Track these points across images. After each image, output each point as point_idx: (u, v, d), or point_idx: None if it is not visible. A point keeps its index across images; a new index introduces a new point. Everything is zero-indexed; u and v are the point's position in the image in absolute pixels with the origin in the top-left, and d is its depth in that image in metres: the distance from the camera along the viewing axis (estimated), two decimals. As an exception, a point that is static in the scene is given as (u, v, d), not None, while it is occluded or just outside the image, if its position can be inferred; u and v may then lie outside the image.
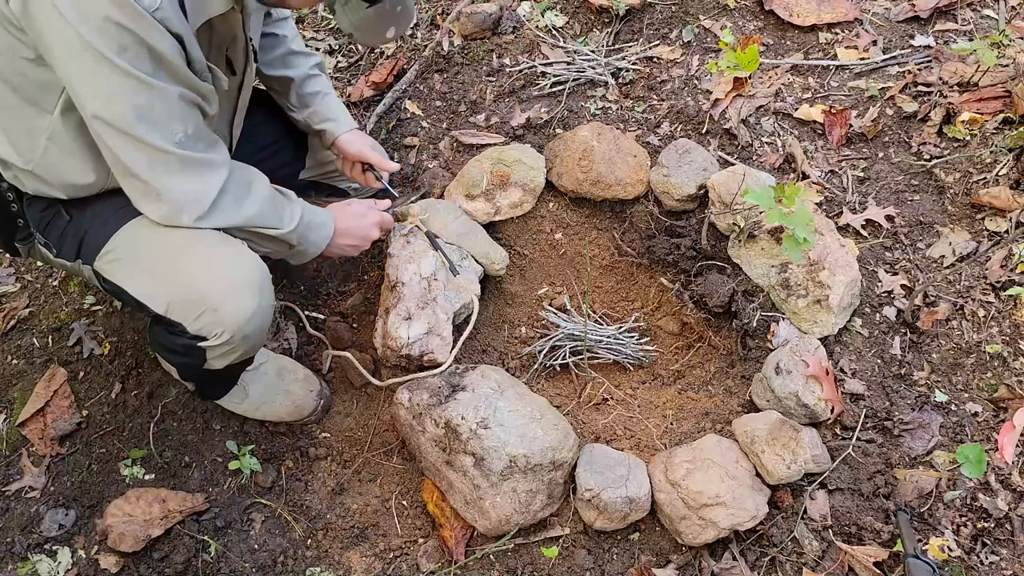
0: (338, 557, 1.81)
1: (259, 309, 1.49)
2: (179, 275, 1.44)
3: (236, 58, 1.54)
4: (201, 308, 1.44)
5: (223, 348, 1.50)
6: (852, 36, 2.37)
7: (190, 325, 1.46)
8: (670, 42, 2.43)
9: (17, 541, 1.80)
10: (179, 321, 1.46)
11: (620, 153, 2.11)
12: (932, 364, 1.86)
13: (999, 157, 2.04)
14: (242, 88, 1.62)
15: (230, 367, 1.63)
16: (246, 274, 1.47)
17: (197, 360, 1.55)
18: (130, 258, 1.47)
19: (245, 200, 1.48)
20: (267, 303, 1.52)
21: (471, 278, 1.96)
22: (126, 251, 1.47)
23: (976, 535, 1.65)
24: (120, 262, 1.48)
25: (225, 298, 1.44)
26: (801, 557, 1.69)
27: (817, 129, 2.21)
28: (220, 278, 1.45)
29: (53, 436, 1.92)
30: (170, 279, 1.45)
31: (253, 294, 1.48)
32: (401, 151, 2.31)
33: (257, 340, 1.58)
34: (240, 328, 1.47)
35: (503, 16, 2.48)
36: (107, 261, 1.49)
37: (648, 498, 1.70)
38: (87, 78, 1.25)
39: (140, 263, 1.47)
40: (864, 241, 2.03)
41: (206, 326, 1.46)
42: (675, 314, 2.13)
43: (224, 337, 1.47)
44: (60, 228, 1.52)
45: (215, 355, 1.53)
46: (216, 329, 1.46)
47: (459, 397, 1.75)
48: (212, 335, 1.47)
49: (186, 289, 1.44)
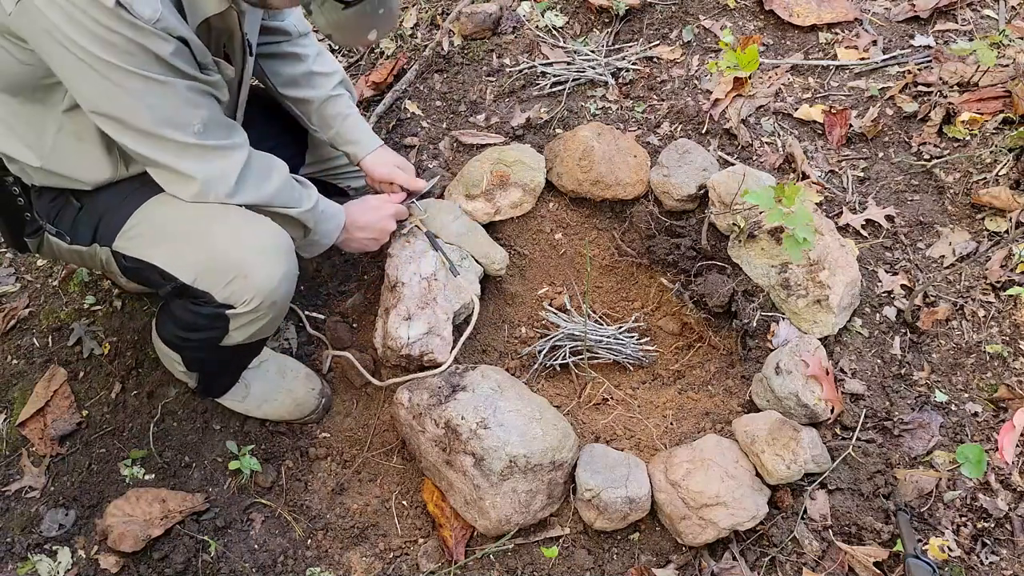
0: (338, 557, 1.81)
1: (287, 274, 1.53)
2: (207, 244, 1.47)
3: (233, 54, 1.55)
4: (231, 275, 1.47)
5: (249, 316, 1.53)
6: (852, 36, 2.37)
7: (219, 293, 1.48)
8: (670, 42, 2.43)
9: (17, 541, 1.80)
10: (206, 290, 1.48)
11: (620, 153, 2.11)
12: (932, 364, 1.86)
13: (999, 157, 2.04)
14: (241, 84, 1.63)
15: (242, 349, 1.65)
16: (273, 240, 1.52)
17: (218, 332, 1.57)
18: (154, 233, 1.50)
19: (266, 180, 1.54)
20: (293, 269, 1.57)
21: (471, 278, 1.96)
22: (149, 227, 1.50)
23: (976, 535, 1.65)
24: (143, 237, 1.50)
25: (255, 263, 1.48)
26: (801, 557, 1.69)
27: (817, 129, 2.21)
28: (248, 245, 1.48)
29: (53, 436, 1.92)
30: (198, 249, 1.47)
31: (281, 259, 1.52)
32: (401, 151, 2.31)
33: (281, 309, 1.60)
34: (269, 293, 1.50)
35: (503, 16, 2.48)
36: (128, 239, 1.51)
37: (648, 498, 1.70)
38: (100, 89, 1.29)
39: (165, 236, 1.50)
40: (864, 241, 2.03)
41: (235, 292, 1.48)
42: (675, 314, 2.13)
43: (253, 303, 1.50)
44: (72, 215, 1.54)
45: (239, 324, 1.55)
46: (246, 295, 1.49)
47: (459, 397, 1.75)
48: (241, 302, 1.49)
49: (215, 257, 1.47)
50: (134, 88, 1.29)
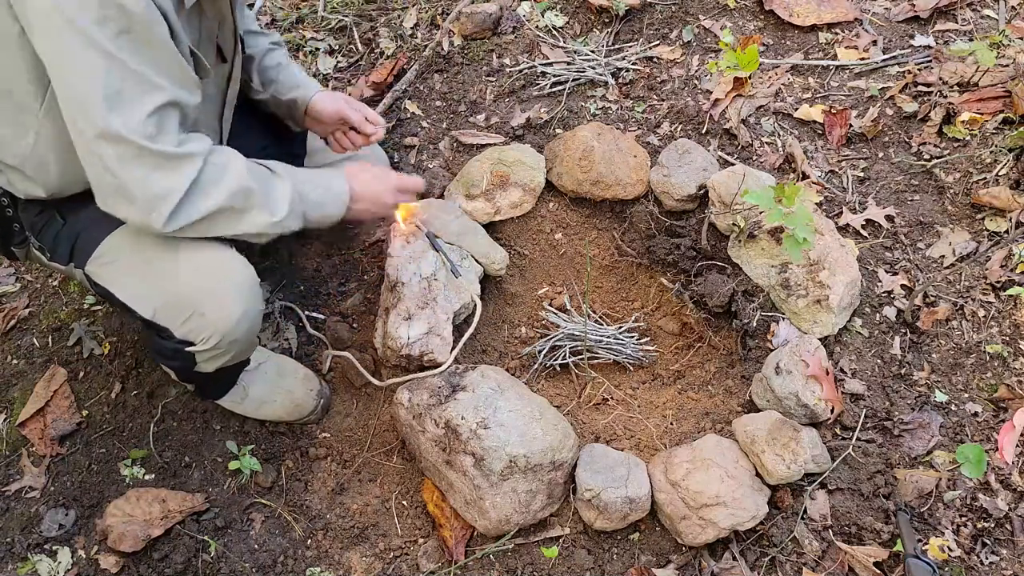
0: (338, 557, 1.81)
1: (246, 313, 1.48)
2: (164, 280, 1.43)
3: (226, 44, 1.52)
4: (187, 313, 1.43)
5: (212, 352, 1.50)
6: (852, 36, 2.37)
7: (177, 330, 1.45)
8: (670, 42, 2.43)
9: (17, 541, 1.80)
10: (166, 326, 1.45)
11: (620, 153, 2.11)
12: (932, 364, 1.86)
13: (999, 157, 2.04)
14: (231, 78, 1.60)
15: (224, 370, 1.63)
16: (232, 278, 1.46)
17: (187, 363, 1.55)
18: (118, 263, 1.47)
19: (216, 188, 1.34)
20: (254, 307, 1.51)
21: (471, 278, 1.96)
22: (115, 255, 1.47)
23: (976, 535, 1.65)
24: (109, 266, 1.47)
25: (211, 303, 1.44)
26: (801, 557, 1.69)
27: (817, 129, 2.21)
28: (205, 283, 1.43)
29: (53, 436, 1.92)
30: (156, 284, 1.44)
31: (240, 299, 1.47)
32: (401, 151, 2.31)
33: (246, 344, 1.57)
34: (228, 332, 1.47)
35: (503, 16, 2.48)
36: (98, 265, 1.48)
37: (648, 498, 1.70)
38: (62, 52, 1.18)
39: (128, 268, 1.46)
40: (864, 241, 2.03)
41: (192, 331, 1.45)
42: (675, 314, 2.13)
43: (212, 342, 1.47)
44: (54, 232, 1.51)
45: (204, 359, 1.53)
46: (203, 334, 1.46)
47: (459, 397, 1.75)
48: (199, 339, 1.46)
49: (171, 294, 1.43)
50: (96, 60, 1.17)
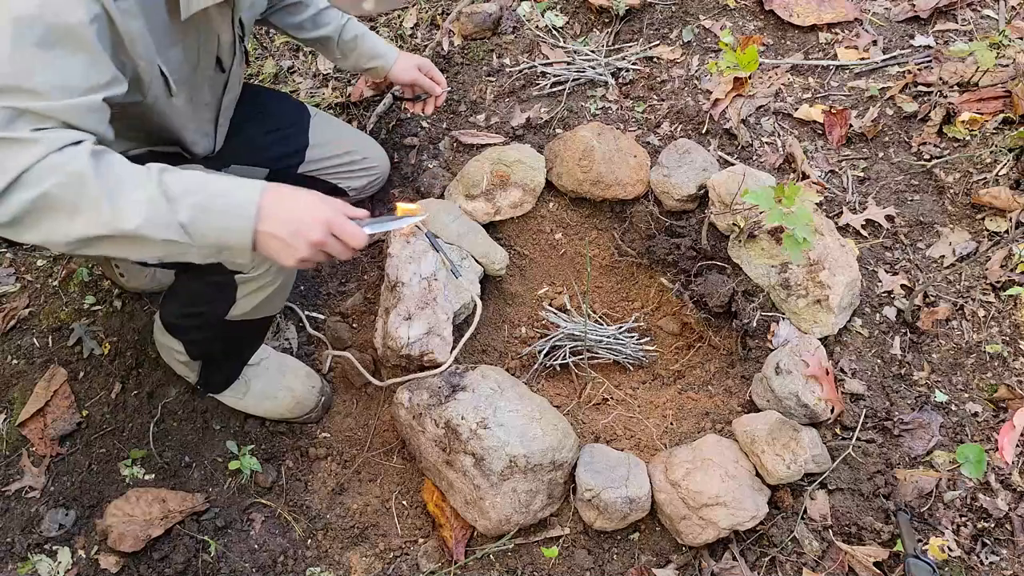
0: (338, 557, 1.81)
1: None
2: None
3: (225, 56, 1.54)
4: None
5: (257, 282, 1.53)
6: (852, 36, 2.37)
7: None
8: (670, 42, 2.43)
9: (17, 541, 1.80)
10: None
11: (620, 153, 2.11)
12: (932, 364, 1.86)
13: (999, 157, 2.04)
14: (227, 86, 1.61)
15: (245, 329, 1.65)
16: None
17: (225, 303, 1.56)
18: None
19: (45, 179, 1.07)
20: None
21: (471, 278, 1.96)
22: None
23: (976, 535, 1.65)
24: None
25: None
26: (801, 557, 1.69)
27: (817, 129, 2.21)
28: None
29: (53, 436, 1.92)
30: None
31: None
32: (401, 151, 2.31)
33: (289, 276, 1.61)
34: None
35: (503, 16, 2.48)
36: None
37: (648, 498, 1.70)
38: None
39: None
40: (864, 241, 2.03)
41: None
42: (675, 314, 2.13)
43: (262, 267, 1.50)
44: None
45: (247, 291, 1.55)
46: (254, 258, 1.46)
47: (459, 397, 1.75)
48: (249, 266, 1.49)
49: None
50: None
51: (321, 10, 1.87)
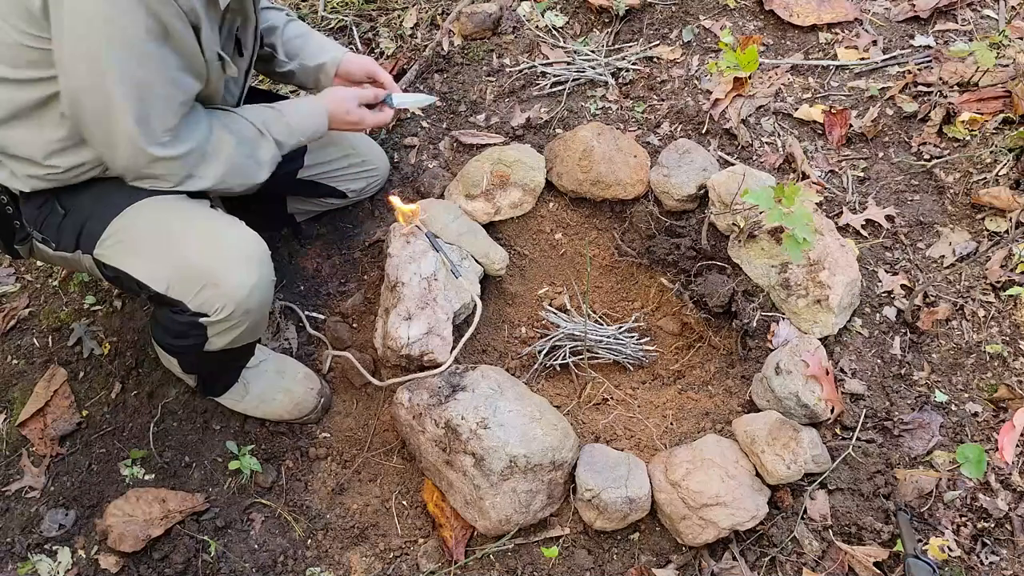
0: (338, 557, 1.81)
1: (259, 282, 1.51)
2: (178, 253, 1.47)
3: (246, 40, 1.57)
4: (201, 283, 1.46)
5: (225, 324, 1.52)
6: (852, 36, 2.37)
7: (191, 302, 1.47)
8: (670, 42, 2.43)
9: (17, 541, 1.80)
10: (179, 299, 1.47)
11: (620, 153, 2.11)
12: (932, 364, 1.86)
13: (999, 157, 2.04)
14: (247, 73, 1.64)
15: (231, 354, 1.65)
16: (244, 248, 1.51)
17: (199, 340, 1.56)
18: (130, 241, 1.49)
19: (214, 161, 1.50)
20: (267, 276, 1.54)
21: (471, 278, 1.96)
22: (125, 235, 1.49)
23: (976, 535, 1.65)
24: (120, 245, 1.50)
25: (224, 272, 1.47)
26: (801, 557, 1.69)
27: (817, 129, 2.21)
28: (219, 253, 1.47)
29: (53, 436, 1.92)
30: (170, 258, 1.47)
31: (252, 267, 1.50)
32: (401, 151, 2.31)
33: (259, 317, 1.59)
34: (241, 302, 1.49)
35: (503, 16, 2.48)
36: (107, 247, 1.50)
37: (648, 498, 1.70)
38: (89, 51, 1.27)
39: (140, 245, 1.49)
40: (864, 241, 2.03)
41: (207, 301, 1.47)
42: (675, 314, 2.13)
43: (226, 311, 1.49)
44: (56, 222, 1.53)
45: (216, 332, 1.54)
46: (217, 303, 1.48)
47: (459, 397, 1.75)
48: (213, 310, 1.48)
49: (185, 267, 1.46)
50: (128, 60, 1.28)
51: (266, 7, 1.80)
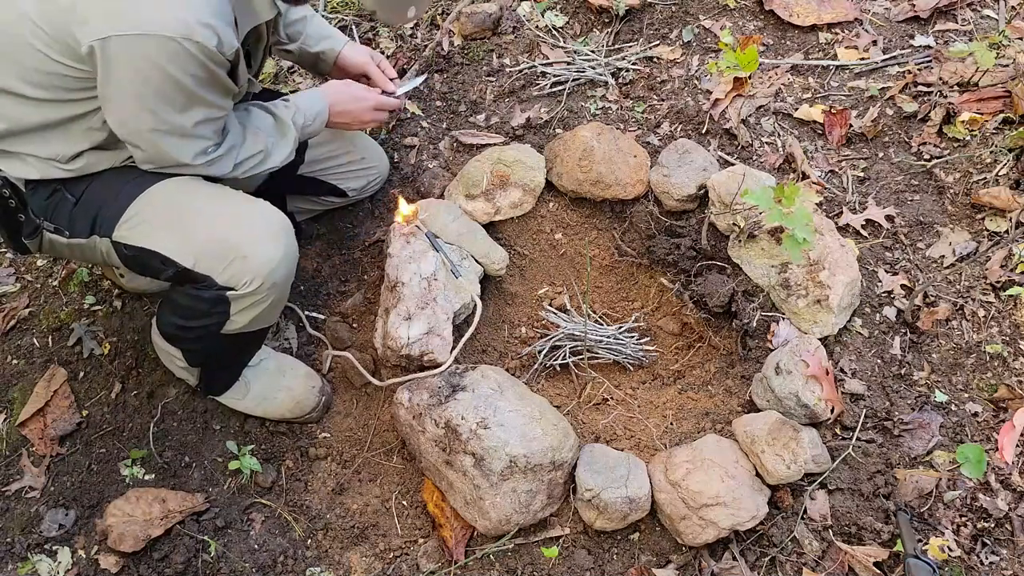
0: (338, 557, 1.81)
1: (286, 256, 1.56)
2: (206, 228, 1.51)
3: (256, 56, 1.62)
4: (230, 256, 1.49)
5: (251, 298, 1.55)
6: (852, 36, 2.37)
7: (219, 275, 1.51)
8: (670, 42, 2.43)
9: (17, 541, 1.80)
10: (207, 274, 1.51)
11: (620, 153, 2.11)
12: (932, 364, 1.86)
13: (999, 157, 2.04)
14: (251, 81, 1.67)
15: (243, 339, 1.67)
16: (271, 223, 1.56)
17: (221, 319, 1.59)
18: (153, 220, 1.53)
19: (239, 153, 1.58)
20: (292, 251, 1.58)
21: (471, 278, 1.96)
22: (149, 215, 1.53)
23: (976, 535, 1.65)
24: (143, 225, 1.53)
25: (253, 245, 1.51)
26: (801, 557, 1.69)
27: (817, 129, 2.21)
28: (247, 227, 1.52)
29: (53, 436, 1.92)
30: (197, 232, 1.51)
31: (279, 241, 1.55)
32: (401, 151, 2.31)
33: (282, 292, 1.63)
34: (269, 274, 1.52)
35: (503, 16, 2.48)
36: (128, 228, 1.53)
37: (648, 498, 1.70)
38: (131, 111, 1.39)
39: (165, 223, 1.53)
40: (864, 241, 2.03)
41: (236, 274, 1.51)
42: (675, 314, 2.13)
43: (254, 284, 1.52)
44: (68, 209, 1.56)
45: (240, 307, 1.57)
46: (245, 276, 1.51)
47: (459, 397, 1.75)
48: (241, 283, 1.51)
49: (214, 240, 1.50)
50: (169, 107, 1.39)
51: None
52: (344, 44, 1.90)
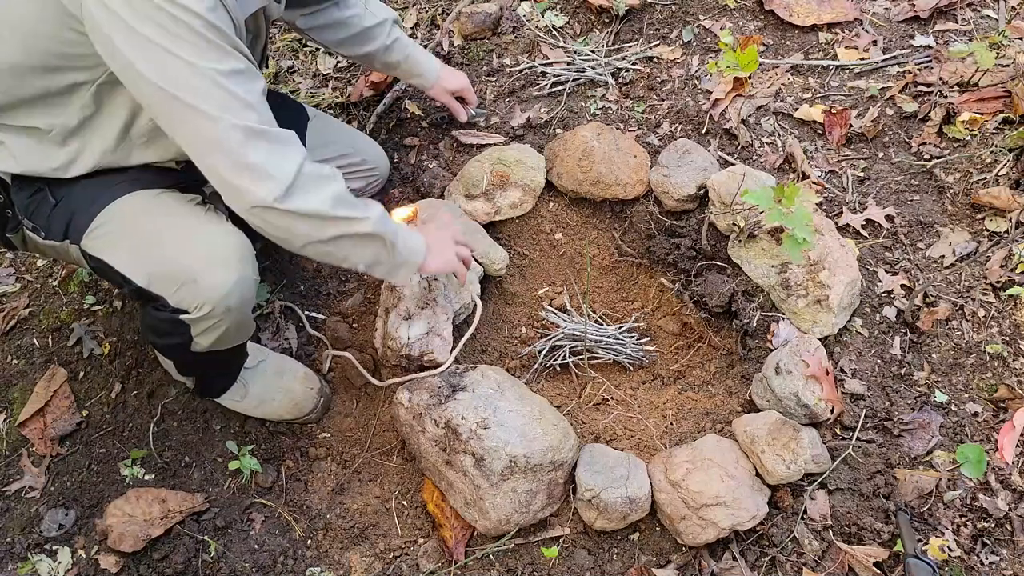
0: (338, 557, 1.81)
1: (239, 281, 1.48)
2: (160, 248, 1.46)
3: (256, 55, 1.58)
4: (180, 279, 1.45)
5: (206, 322, 1.50)
6: (852, 36, 2.37)
7: (171, 298, 1.46)
8: (670, 42, 2.43)
9: (17, 541, 1.80)
10: (160, 294, 1.47)
11: (620, 153, 2.11)
12: (932, 364, 1.86)
13: (999, 157, 2.04)
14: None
15: (221, 355, 1.64)
16: (225, 246, 1.48)
17: (183, 339, 1.55)
18: (115, 234, 1.49)
19: (323, 185, 1.42)
20: (248, 276, 1.51)
21: (471, 278, 1.96)
22: (112, 227, 1.49)
23: (976, 535, 1.65)
24: (106, 238, 1.49)
25: (202, 270, 1.45)
26: (801, 557, 1.69)
27: (817, 129, 2.21)
28: (199, 250, 1.46)
29: (53, 436, 1.92)
30: (151, 252, 1.47)
31: (232, 266, 1.47)
32: (401, 151, 2.31)
33: (242, 316, 1.56)
34: (220, 300, 1.47)
35: (503, 16, 2.48)
36: (93, 238, 1.50)
37: (648, 498, 1.70)
38: (153, 52, 1.23)
39: (124, 238, 1.49)
40: (864, 241, 2.03)
41: (186, 298, 1.46)
42: (675, 314, 2.13)
43: (205, 310, 1.47)
44: (47, 211, 1.53)
45: (199, 330, 1.53)
46: (196, 301, 1.46)
47: (459, 397, 1.75)
48: (192, 307, 1.47)
49: (167, 260, 1.45)
50: (207, 54, 1.25)
51: (367, 28, 1.89)
52: (432, 82, 2.09)
